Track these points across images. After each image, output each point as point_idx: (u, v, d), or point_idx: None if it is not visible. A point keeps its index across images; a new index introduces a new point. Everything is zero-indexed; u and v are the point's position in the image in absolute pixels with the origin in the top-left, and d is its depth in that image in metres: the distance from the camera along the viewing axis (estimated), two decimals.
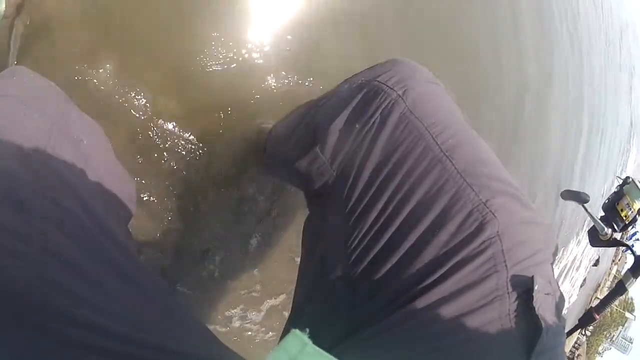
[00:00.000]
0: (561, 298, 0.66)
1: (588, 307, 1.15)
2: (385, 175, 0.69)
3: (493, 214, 0.62)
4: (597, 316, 1.16)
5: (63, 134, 0.67)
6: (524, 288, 0.60)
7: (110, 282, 0.53)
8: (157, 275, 0.58)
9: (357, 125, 0.73)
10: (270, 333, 1.53)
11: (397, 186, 0.68)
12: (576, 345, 15.46)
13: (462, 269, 0.61)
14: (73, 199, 0.59)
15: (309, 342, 0.39)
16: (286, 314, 0.77)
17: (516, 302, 0.59)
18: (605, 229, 1.00)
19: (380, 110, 0.72)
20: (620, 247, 1.13)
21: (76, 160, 0.67)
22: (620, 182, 0.99)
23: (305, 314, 0.77)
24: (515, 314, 0.59)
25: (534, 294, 0.59)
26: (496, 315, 0.59)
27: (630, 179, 0.97)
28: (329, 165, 0.75)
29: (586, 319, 1.19)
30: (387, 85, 0.73)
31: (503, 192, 0.65)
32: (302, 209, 1.34)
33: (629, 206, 0.96)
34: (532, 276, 0.61)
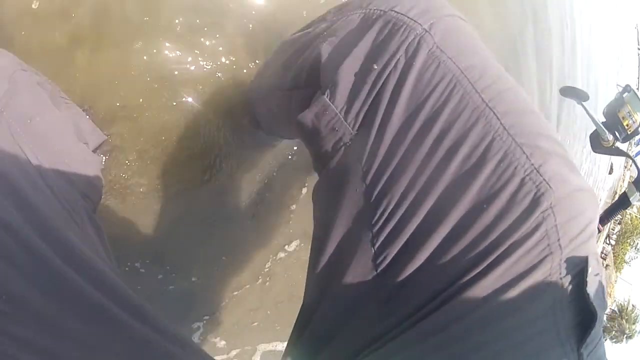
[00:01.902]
0: (605, 276, 0.58)
1: None
2: (416, 132, 0.57)
3: (548, 183, 0.52)
4: (600, 227, 1.17)
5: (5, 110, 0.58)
6: (577, 270, 0.53)
7: (68, 322, 0.44)
8: (132, 292, 0.52)
9: (375, 66, 0.59)
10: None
11: (432, 146, 0.56)
12: (603, 255, 15.63)
13: (514, 253, 0.52)
14: (12, 205, 0.48)
15: None
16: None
17: (569, 288, 0.52)
18: (607, 133, 0.98)
19: (404, 48, 0.58)
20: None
21: (19, 141, 0.57)
22: (621, 90, 0.96)
23: (316, 319, 0.66)
24: (567, 302, 0.52)
25: (587, 278, 0.52)
26: (548, 306, 0.52)
27: (630, 88, 0.94)
28: (343, 117, 0.61)
29: None
30: (409, 17, 0.59)
31: (554, 153, 0.55)
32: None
33: (630, 116, 0.94)
34: (587, 257, 0.54)
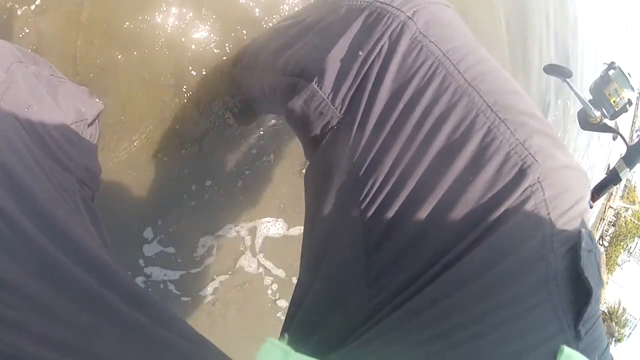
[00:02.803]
0: (599, 253, 0.58)
1: None
2: (400, 111, 0.59)
3: (533, 157, 0.54)
4: (592, 203, 1.18)
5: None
6: (569, 245, 0.53)
7: (63, 308, 0.42)
8: (128, 278, 0.50)
9: (360, 53, 0.62)
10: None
11: (415, 124, 0.58)
12: None
13: (503, 226, 0.53)
14: (6, 190, 0.47)
15: (291, 351, 0.36)
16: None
17: (562, 263, 0.53)
18: (593, 109, 1.01)
19: (388, 34, 0.61)
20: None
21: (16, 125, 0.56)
22: (606, 67, 1.00)
23: (308, 301, 0.66)
24: (561, 277, 0.52)
25: (581, 252, 0.52)
26: (542, 280, 0.52)
27: (616, 65, 0.98)
28: (331, 102, 0.64)
29: None
30: (393, 6, 0.62)
31: (540, 130, 0.57)
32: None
33: (617, 92, 0.98)
34: (580, 231, 0.54)
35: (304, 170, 1.39)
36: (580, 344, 0.52)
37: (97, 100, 1.02)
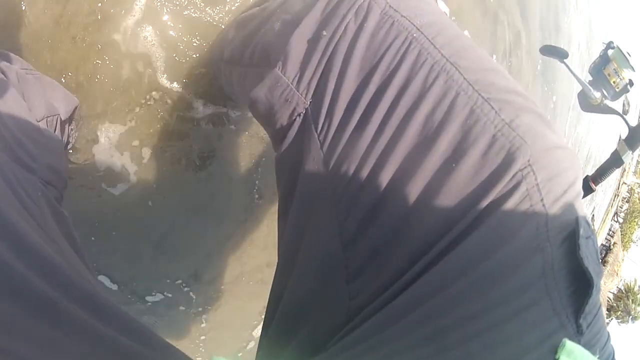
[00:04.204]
0: (596, 240, 0.53)
1: (584, 176, 1.14)
2: (373, 94, 0.54)
3: (522, 138, 0.49)
4: (594, 186, 1.15)
5: None
6: (566, 233, 0.49)
7: (18, 319, 0.40)
8: (90, 286, 0.48)
9: (324, 33, 0.57)
10: None
11: (390, 106, 0.53)
12: (610, 232, 15.52)
13: (493, 214, 0.48)
14: None
15: None
16: None
17: (559, 252, 0.48)
18: (593, 91, 0.97)
19: (354, 11, 0.56)
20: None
21: None
22: (605, 47, 0.97)
23: (283, 305, 0.62)
24: (559, 268, 0.48)
25: (579, 241, 0.48)
26: (539, 273, 0.47)
27: (614, 45, 0.95)
28: (295, 87, 0.59)
29: (583, 190, 1.17)
30: None
31: (526, 108, 0.52)
32: None
33: (616, 73, 0.95)
34: (576, 217, 0.49)
35: None
36: (583, 339, 0.48)
37: (73, 96, 0.99)
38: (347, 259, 0.55)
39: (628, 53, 0.95)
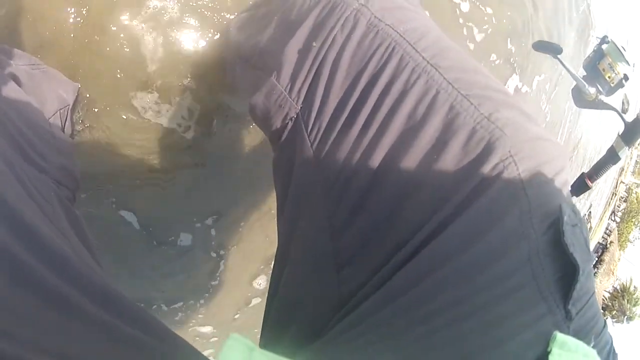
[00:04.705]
0: (585, 228, 0.54)
1: (580, 174, 1.13)
2: (358, 95, 0.58)
3: (501, 129, 0.51)
4: (590, 183, 1.14)
5: None
6: (550, 220, 0.50)
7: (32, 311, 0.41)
8: (102, 280, 0.49)
9: (314, 44, 0.62)
10: None
11: (374, 106, 0.57)
12: (607, 231, 15.55)
13: (475, 202, 0.50)
14: None
15: (255, 347, 0.35)
16: None
17: (544, 239, 0.49)
18: (587, 86, 0.97)
19: (341, 23, 0.61)
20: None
21: None
22: (599, 41, 0.96)
23: (279, 293, 0.65)
24: (545, 255, 0.49)
25: (563, 227, 0.49)
26: (524, 259, 0.48)
27: (609, 39, 0.94)
28: (288, 94, 0.64)
29: (579, 187, 1.12)
30: None
31: (505, 103, 0.54)
32: None
33: (611, 68, 0.93)
34: (560, 205, 0.50)
35: None
36: (572, 325, 0.49)
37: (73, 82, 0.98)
38: (336, 248, 0.58)
39: (623, 47, 0.93)
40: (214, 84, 1.15)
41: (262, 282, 1.61)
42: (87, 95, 1.02)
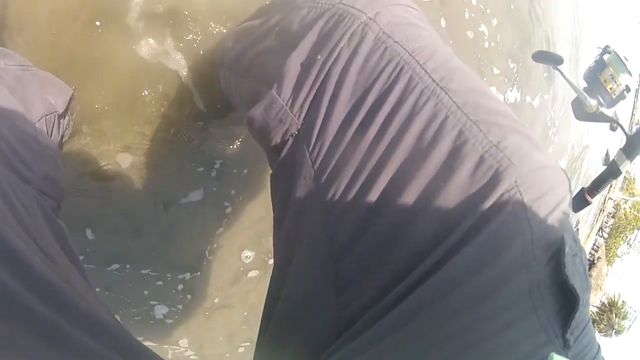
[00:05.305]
0: (585, 256, 0.55)
1: (579, 189, 1.12)
2: (364, 115, 0.56)
3: (509, 159, 0.51)
4: (590, 199, 1.12)
5: None
6: (552, 251, 0.50)
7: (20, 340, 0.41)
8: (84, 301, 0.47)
9: (319, 57, 0.59)
10: None
11: (381, 127, 0.55)
12: (595, 247, 15.66)
13: (480, 232, 0.49)
14: None
15: None
16: None
17: (545, 270, 0.49)
18: (588, 98, 0.94)
19: (348, 36, 0.58)
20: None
21: None
22: (600, 52, 0.94)
23: (277, 312, 0.64)
24: (545, 286, 0.49)
25: (565, 259, 0.49)
26: (525, 289, 0.48)
27: (611, 49, 0.91)
28: (289, 109, 0.61)
29: (579, 203, 1.12)
30: (355, 8, 0.59)
31: (514, 130, 0.54)
32: None
33: (613, 79, 0.91)
34: (562, 236, 0.50)
35: None
36: (570, 352, 0.49)
37: (67, 86, 0.96)
38: (336, 272, 0.57)
39: (625, 57, 0.91)
40: (209, 95, 1.12)
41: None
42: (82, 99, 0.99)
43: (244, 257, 1.45)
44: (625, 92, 0.94)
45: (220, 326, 1.54)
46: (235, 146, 1.27)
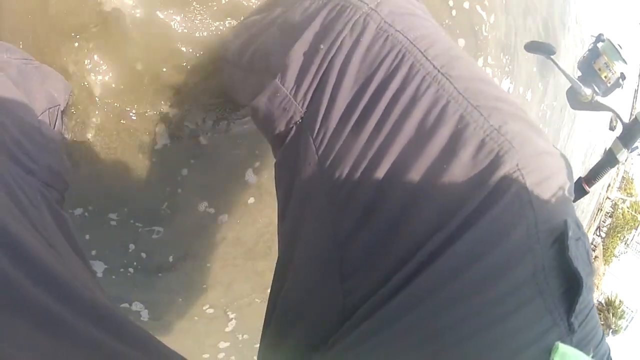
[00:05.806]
0: (587, 241, 0.55)
1: (577, 178, 1.12)
2: (367, 102, 0.57)
3: (510, 142, 0.51)
4: (588, 188, 1.13)
5: None
6: (555, 235, 0.50)
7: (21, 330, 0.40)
8: (89, 293, 0.47)
9: (322, 46, 0.61)
10: None
11: (383, 113, 0.56)
12: (592, 246, 15.66)
13: (483, 216, 0.50)
14: None
15: None
16: None
17: (549, 254, 0.50)
18: (583, 87, 0.95)
19: (350, 26, 0.60)
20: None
21: None
22: (594, 40, 0.94)
23: (281, 301, 0.64)
24: (550, 269, 0.49)
25: (568, 242, 0.49)
26: (530, 273, 0.49)
27: (604, 37, 0.92)
28: (293, 97, 0.63)
29: (577, 192, 1.11)
30: None
31: (515, 115, 0.54)
32: None
33: (607, 67, 0.92)
34: (565, 220, 0.51)
35: None
36: (575, 337, 0.49)
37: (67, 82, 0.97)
38: (340, 258, 0.57)
39: (619, 45, 0.92)
40: (213, 89, 1.13)
41: None
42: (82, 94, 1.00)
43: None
44: (620, 80, 0.95)
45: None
46: (238, 141, 1.28)
